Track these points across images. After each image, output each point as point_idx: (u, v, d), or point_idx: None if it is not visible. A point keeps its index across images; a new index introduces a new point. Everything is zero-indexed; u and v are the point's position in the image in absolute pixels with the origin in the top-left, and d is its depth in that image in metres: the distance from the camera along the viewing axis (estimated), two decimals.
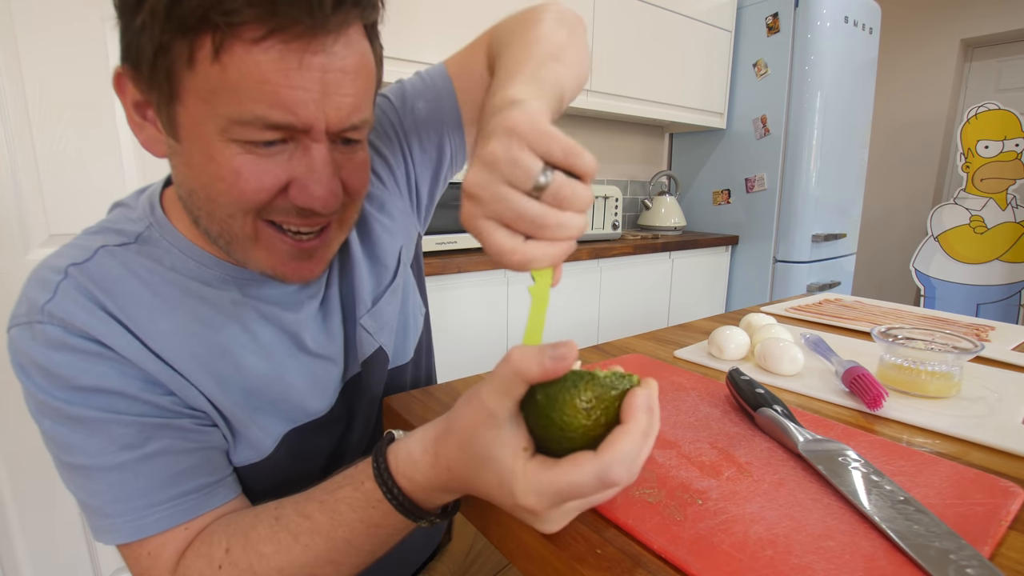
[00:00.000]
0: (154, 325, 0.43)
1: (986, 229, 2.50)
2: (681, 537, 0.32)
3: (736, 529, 0.33)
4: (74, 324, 0.40)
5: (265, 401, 0.48)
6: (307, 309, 0.51)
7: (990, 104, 2.45)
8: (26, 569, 1.09)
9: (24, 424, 1.04)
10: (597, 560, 0.31)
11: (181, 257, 0.46)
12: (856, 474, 0.38)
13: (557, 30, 0.45)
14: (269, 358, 0.49)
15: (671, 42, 2.05)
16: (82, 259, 0.42)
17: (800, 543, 0.31)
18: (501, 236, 0.29)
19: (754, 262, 2.30)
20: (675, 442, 0.44)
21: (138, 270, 0.44)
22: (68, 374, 0.39)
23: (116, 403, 0.40)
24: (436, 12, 1.43)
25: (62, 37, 1.00)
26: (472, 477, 0.32)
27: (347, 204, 0.45)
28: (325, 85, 0.36)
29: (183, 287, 0.45)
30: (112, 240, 0.44)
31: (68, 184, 1.03)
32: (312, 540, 0.38)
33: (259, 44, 0.33)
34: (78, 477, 0.41)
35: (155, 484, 0.41)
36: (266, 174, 0.38)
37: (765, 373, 0.61)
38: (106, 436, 0.40)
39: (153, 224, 0.46)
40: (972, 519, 0.33)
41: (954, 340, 0.56)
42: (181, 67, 0.35)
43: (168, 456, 0.42)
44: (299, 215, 0.41)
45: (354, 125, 0.40)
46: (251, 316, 0.48)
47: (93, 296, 0.41)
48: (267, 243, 0.42)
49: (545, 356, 0.28)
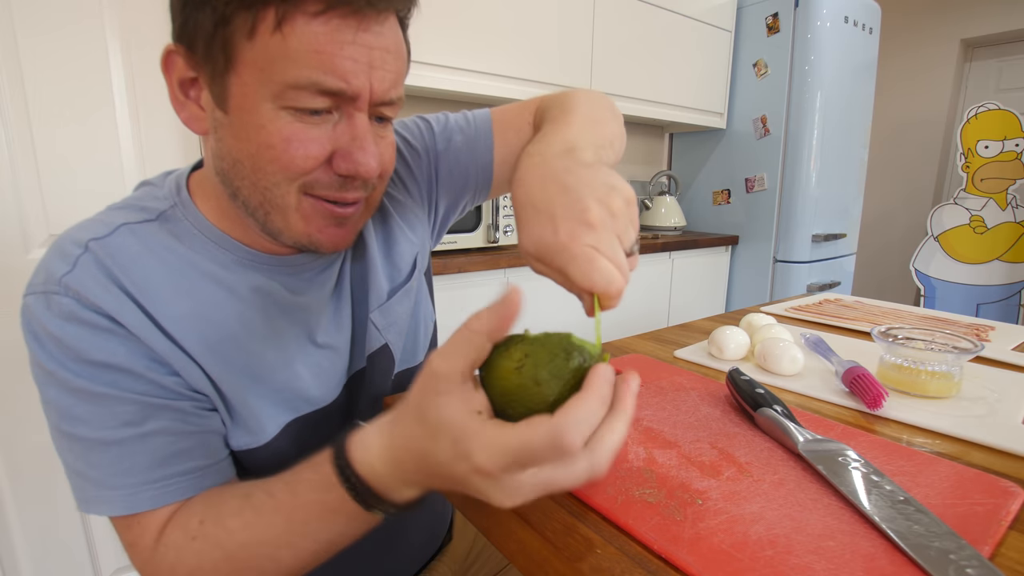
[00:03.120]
0: (167, 306, 0.44)
1: (986, 229, 2.50)
2: (681, 537, 0.32)
3: (736, 529, 0.33)
4: (88, 298, 0.41)
5: (270, 388, 0.49)
6: (320, 298, 0.53)
7: (990, 104, 2.45)
8: (26, 569, 1.09)
9: (24, 423, 1.04)
10: (597, 560, 0.31)
11: (201, 238, 0.47)
12: (856, 474, 0.38)
13: (602, 107, 0.53)
14: (279, 345, 0.50)
15: (671, 42, 2.05)
16: (103, 234, 0.44)
17: (800, 543, 0.31)
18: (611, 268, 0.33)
19: (754, 262, 2.30)
20: (675, 442, 0.44)
21: (157, 248, 0.45)
22: (79, 347, 0.40)
23: (121, 380, 0.41)
24: (438, 10, 1.44)
25: (62, 37, 1.00)
26: (428, 450, 0.31)
27: (376, 183, 0.47)
28: (371, 59, 0.40)
29: (200, 268, 0.46)
30: (134, 217, 0.46)
31: (68, 184, 1.03)
32: (273, 519, 0.39)
33: (318, 17, 0.37)
34: (77, 447, 0.42)
35: (151, 463, 0.42)
36: (313, 142, 0.41)
37: (765, 373, 0.61)
38: (109, 411, 0.41)
39: (178, 204, 0.48)
40: (972, 519, 0.33)
41: (954, 340, 0.56)
42: (241, 38, 0.38)
43: (166, 436, 0.43)
44: (340, 187, 0.43)
45: (391, 99, 0.43)
46: (265, 302, 0.49)
47: (110, 272, 0.42)
48: (306, 211, 0.44)
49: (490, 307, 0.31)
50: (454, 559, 0.70)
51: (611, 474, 0.39)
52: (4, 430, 1.03)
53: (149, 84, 1.10)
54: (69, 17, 1.00)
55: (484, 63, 1.58)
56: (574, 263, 0.33)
